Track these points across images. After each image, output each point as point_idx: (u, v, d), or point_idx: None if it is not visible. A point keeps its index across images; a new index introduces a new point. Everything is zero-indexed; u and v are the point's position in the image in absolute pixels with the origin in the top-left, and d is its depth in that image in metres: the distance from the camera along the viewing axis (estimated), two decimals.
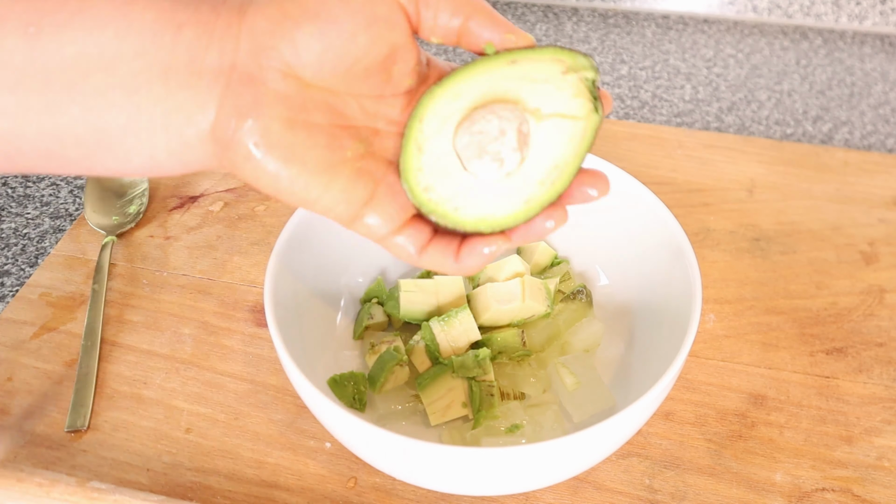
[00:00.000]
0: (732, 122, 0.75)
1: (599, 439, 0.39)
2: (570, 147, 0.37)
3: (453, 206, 0.37)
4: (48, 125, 0.33)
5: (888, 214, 0.63)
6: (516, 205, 0.37)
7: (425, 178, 0.37)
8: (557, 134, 0.38)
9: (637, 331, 0.50)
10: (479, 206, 0.37)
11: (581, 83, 0.37)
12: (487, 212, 0.37)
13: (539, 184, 0.37)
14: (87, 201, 0.61)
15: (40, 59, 0.33)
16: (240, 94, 0.34)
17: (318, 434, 0.48)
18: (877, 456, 0.48)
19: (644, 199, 0.50)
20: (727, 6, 0.88)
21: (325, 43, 0.33)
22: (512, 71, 0.37)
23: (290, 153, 0.34)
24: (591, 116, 0.38)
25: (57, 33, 0.32)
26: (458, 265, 0.37)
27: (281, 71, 0.34)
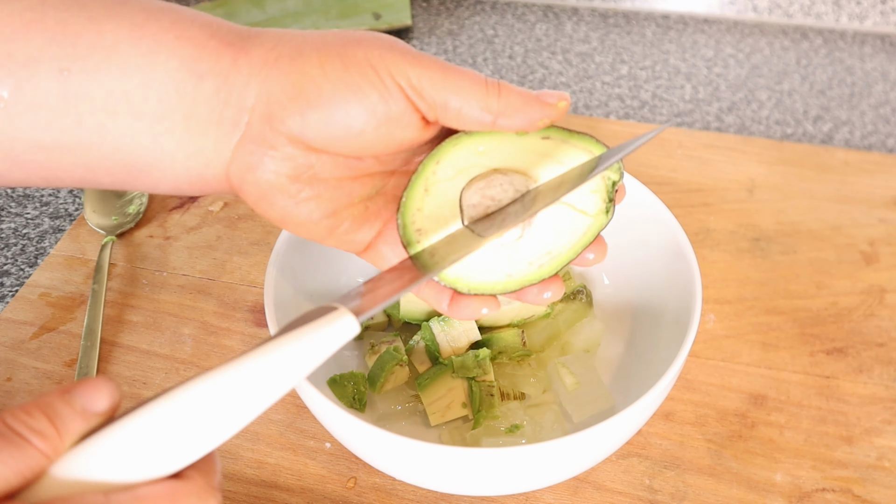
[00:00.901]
0: (732, 122, 0.75)
1: (599, 439, 0.39)
2: (569, 239, 0.37)
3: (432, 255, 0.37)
4: (81, 159, 0.36)
5: (888, 214, 0.63)
6: (498, 276, 0.37)
7: (421, 220, 0.37)
8: (561, 223, 0.37)
9: (637, 331, 0.50)
10: (463, 266, 0.37)
11: (602, 181, 0.37)
12: (468, 273, 0.37)
13: (527, 263, 0.37)
14: (87, 201, 0.61)
15: (72, 101, 0.35)
16: (251, 151, 0.36)
17: (318, 434, 0.48)
18: (877, 456, 0.47)
19: (644, 199, 0.50)
20: (727, 6, 0.88)
21: (332, 131, 0.35)
22: (541, 146, 0.36)
23: (294, 202, 0.37)
24: (600, 217, 0.38)
25: (88, 77, 0.34)
26: (449, 310, 0.38)
27: (288, 138, 0.35)
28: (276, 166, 0.36)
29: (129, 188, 0.38)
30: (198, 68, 0.35)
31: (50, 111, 0.34)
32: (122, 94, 0.35)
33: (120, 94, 0.35)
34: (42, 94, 0.34)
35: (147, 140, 0.36)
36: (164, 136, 0.36)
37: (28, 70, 0.34)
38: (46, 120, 0.35)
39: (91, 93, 0.34)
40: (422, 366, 0.47)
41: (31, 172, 0.37)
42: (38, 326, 0.53)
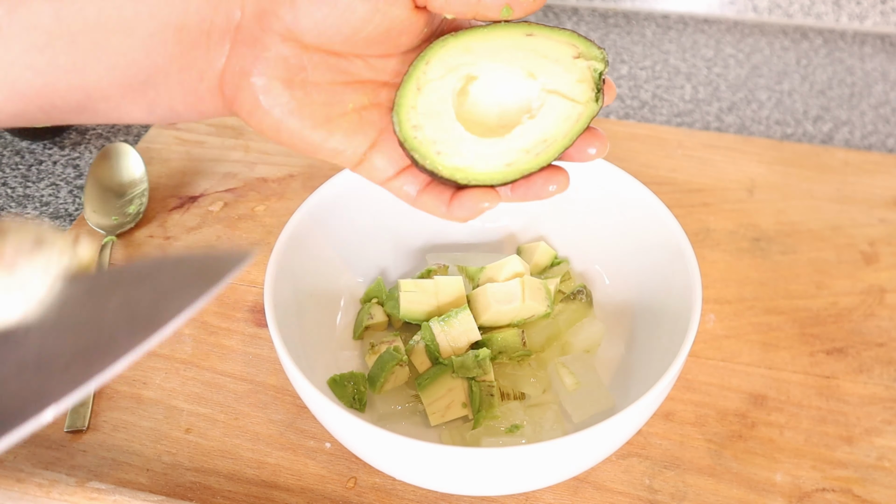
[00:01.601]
0: (732, 122, 0.75)
1: (600, 439, 0.39)
2: (563, 126, 0.39)
3: (436, 149, 0.38)
4: (77, 81, 0.36)
5: (888, 214, 0.63)
6: (497, 165, 0.38)
7: (417, 117, 0.38)
8: (554, 111, 0.39)
9: (637, 331, 0.50)
10: (462, 157, 0.38)
11: (588, 71, 0.38)
12: (468, 164, 0.38)
13: (524, 152, 0.39)
14: (87, 201, 0.61)
15: (66, 20, 0.35)
16: (243, 55, 0.36)
17: (318, 434, 0.48)
18: (877, 456, 0.47)
19: (644, 199, 0.50)
20: (727, 6, 0.88)
21: (323, 12, 0.35)
22: (526, 42, 0.38)
23: (288, 109, 0.37)
24: (590, 104, 0.39)
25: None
26: (449, 211, 0.39)
27: (281, 34, 0.36)
28: (268, 69, 0.36)
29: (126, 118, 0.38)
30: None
31: (44, 32, 0.35)
32: (113, 10, 0.35)
33: (111, 10, 0.35)
34: (35, 14, 0.34)
35: (140, 56, 0.36)
36: (157, 51, 0.36)
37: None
38: (41, 41, 0.35)
39: (83, 10, 0.35)
40: (422, 366, 0.47)
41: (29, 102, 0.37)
42: None
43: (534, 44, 0.38)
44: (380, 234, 0.54)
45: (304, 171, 0.65)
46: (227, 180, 0.65)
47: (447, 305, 0.48)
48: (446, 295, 0.48)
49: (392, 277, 0.55)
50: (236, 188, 0.64)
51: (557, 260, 0.54)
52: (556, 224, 0.55)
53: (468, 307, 0.47)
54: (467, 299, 0.49)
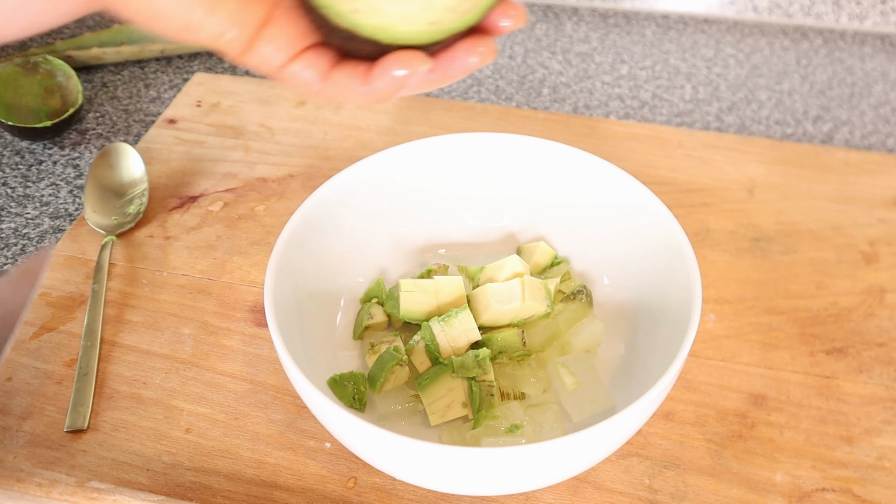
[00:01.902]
0: (732, 122, 0.75)
1: (600, 439, 0.39)
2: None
3: (353, 7, 0.33)
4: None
5: (889, 214, 0.63)
6: (422, 23, 0.33)
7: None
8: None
9: (637, 331, 0.50)
10: (383, 15, 0.33)
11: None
12: (391, 21, 0.33)
13: (448, 10, 0.33)
14: (87, 201, 0.61)
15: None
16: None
17: (318, 434, 0.48)
18: (877, 456, 0.47)
19: (644, 199, 0.50)
20: (727, 6, 0.88)
21: None
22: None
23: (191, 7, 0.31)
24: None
25: None
26: (367, 87, 0.33)
27: None
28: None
29: None
30: None
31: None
32: None
33: None
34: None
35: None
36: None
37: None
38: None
39: None
40: (422, 366, 0.47)
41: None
42: (38, 326, 0.53)
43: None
44: (380, 234, 0.54)
45: (304, 171, 0.65)
46: (227, 180, 0.65)
47: (447, 305, 0.48)
48: (446, 295, 0.48)
49: (392, 277, 0.55)
50: (236, 188, 0.64)
51: (557, 260, 0.54)
52: (556, 224, 0.56)
53: (468, 307, 0.47)
54: (467, 299, 0.49)
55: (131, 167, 0.63)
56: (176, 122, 0.71)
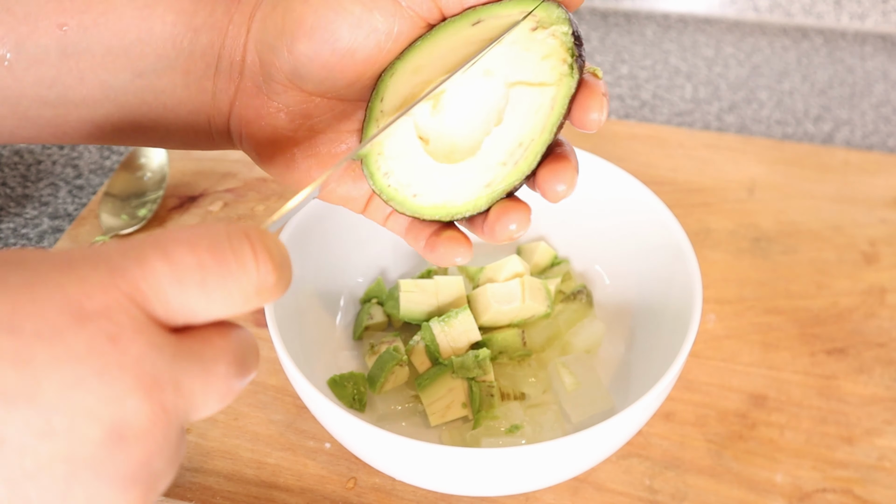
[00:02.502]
0: (733, 122, 0.75)
1: (600, 440, 0.39)
2: (537, 120, 0.33)
3: (412, 192, 0.34)
4: (87, 116, 0.36)
5: (889, 214, 0.63)
6: (477, 189, 0.34)
7: (386, 163, 0.34)
8: (521, 106, 0.33)
9: (637, 331, 0.50)
10: (439, 193, 0.34)
11: (553, 39, 0.32)
12: (446, 199, 0.34)
13: (501, 165, 0.33)
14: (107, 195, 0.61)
15: (73, 56, 0.35)
16: (247, 104, 0.36)
17: (318, 434, 0.47)
18: (878, 456, 0.47)
19: (644, 199, 0.50)
20: (728, 6, 0.88)
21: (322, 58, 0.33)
22: (475, 34, 0.33)
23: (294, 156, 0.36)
24: (564, 81, 0.32)
25: (86, 33, 0.35)
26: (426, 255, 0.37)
27: (282, 83, 0.35)
28: (272, 119, 0.36)
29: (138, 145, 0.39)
30: (193, 22, 0.35)
31: (52, 67, 0.35)
32: (121, 51, 0.35)
33: (119, 51, 0.35)
34: (43, 50, 0.34)
35: (150, 97, 0.36)
36: (166, 94, 0.36)
37: (27, 26, 0.34)
38: (50, 77, 0.35)
39: (91, 49, 0.35)
40: (422, 366, 0.47)
41: (41, 129, 0.37)
42: None
43: (483, 32, 0.32)
44: (380, 234, 0.54)
45: None
46: (227, 180, 0.65)
47: (447, 305, 0.48)
48: (446, 295, 0.48)
49: (392, 277, 0.55)
50: (236, 188, 0.64)
51: (557, 260, 0.54)
52: (556, 224, 0.55)
53: (468, 307, 0.47)
54: (467, 299, 0.49)
55: (161, 170, 0.63)
56: None
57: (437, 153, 0.35)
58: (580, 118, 0.33)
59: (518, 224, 0.34)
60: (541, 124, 0.33)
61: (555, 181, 0.33)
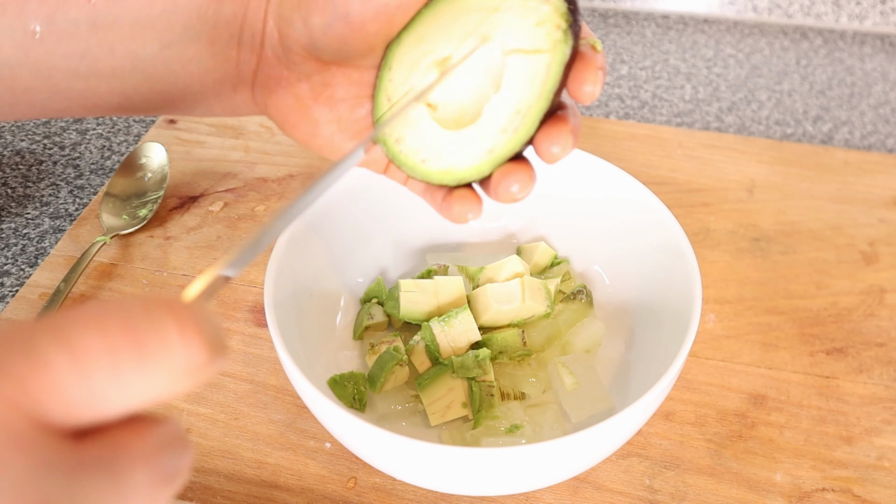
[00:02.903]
0: (732, 122, 0.75)
1: (600, 439, 0.39)
2: (534, 87, 0.33)
3: (421, 158, 0.36)
4: (117, 87, 0.38)
5: (888, 214, 0.63)
6: (480, 155, 0.35)
7: (396, 130, 0.36)
8: (518, 73, 0.33)
9: (637, 331, 0.50)
10: (445, 158, 0.36)
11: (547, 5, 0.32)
12: (452, 164, 0.36)
13: (501, 132, 0.34)
14: (108, 194, 0.61)
15: (102, 29, 0.36)
16: (268, 75, 0.38)
17: (318, 434, 0.48)
18: (877, 456, 0.47)
19: (644, 199, 0.50)
20: (727, 6, 0.88)
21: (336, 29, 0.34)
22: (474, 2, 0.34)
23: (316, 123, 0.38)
24: (558, 47, 0.32)
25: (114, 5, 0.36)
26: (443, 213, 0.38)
27: (300, 54, 0.36)
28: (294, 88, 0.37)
29: (165, 114, 0.40)
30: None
31: (82, 40, 0.36)
32: (147, 22, 0.36)
33: (146, 22, 0.36)
34: (72, 23, 0.35)
35: (177, 67, 0.37)
36: (193, 63, 0.37)
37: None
38: (80, 49, 0.36)
39: (119, 20, 0.36)
40: (422, 366, 0.47)
41: (71, 101, 0.38)
42: None
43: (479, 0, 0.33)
44: (380, 234, 0.54)
45: (304, 171, 0.65)
46: (227, 180, 0.65)
47: (447, 305, 0.48)
48: (446, 295, 0.48)
49: (392, 277, 0.55)
50: (236, 188, 0.64)
51: (557, 260, 0.54)
52: (556, 224, 0.55)
53: (468, 307, 0.47)
54: (467, 299, 0.49)
55: (163, 171, 0.63)
56: (176, 122, 0.71)
57: (445, 120, 0.36)
58: (574, 90, 0.33)
59: (520, 185, 0.34)
60: (537, 91, 0.33)
61: (549, 143, 0.33)
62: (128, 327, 0.19)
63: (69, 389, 0.19)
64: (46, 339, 0.19)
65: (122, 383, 0.19)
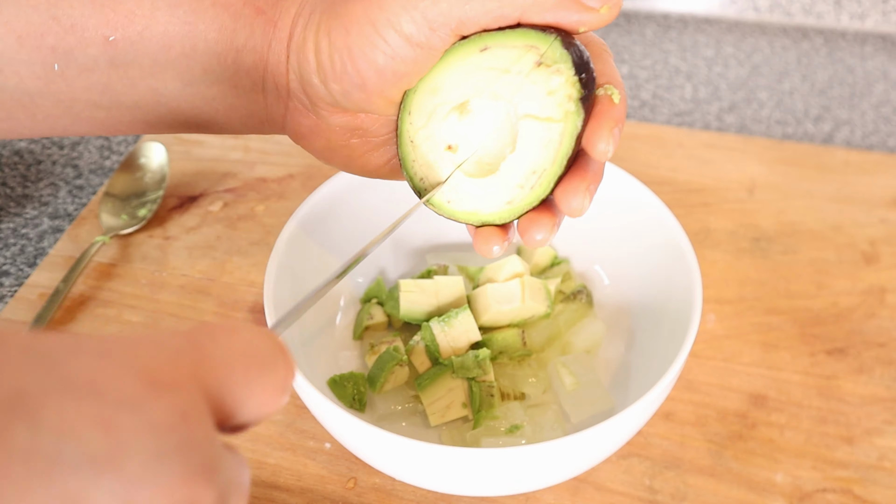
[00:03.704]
0: (733, 122, 0.75)
1: (600, 440, 0.39)
2: (547, 153, 0.34)
3: (446, 199, 0.37)
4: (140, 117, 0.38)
5: (889, 214, 0.63)
6: (500, 205, 0.36)
7: (420, 170, 0.37)
8: (532, 138, 0.34)
9: (637, 331, 0.50)
10: (468, 202, 0.37)
11: (559, 76, 0.32)
12: (476, 207, 0.37)
13: (519, 187, 0.35)
14: (107, 194, 0.61)
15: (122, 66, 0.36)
16: (299, 122, 0.38)
17: (318, 434, 0.47)
18: (878, 456, 0.47)
19: (644, 199, 0.50)
20: (728, 5, 0.88)
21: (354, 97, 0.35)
22: (484, 60, 0.34)
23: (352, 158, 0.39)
24: (570, 118, 0.33)
25: (132, 46, 0.36)
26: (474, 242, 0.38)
27: (327, 109, 0.37)
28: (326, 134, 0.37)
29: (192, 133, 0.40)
30: (235, 42, 0.36)
31: (102, 75, 0.36)
32: (167, 63, 0.36)
33: (165, 63, 0.36)
34: (92, 60, 0.35)
35: (200, 103, 0.37)
36: (217, 101, 0.37)
37: (74, 36, 0.35)
38: (101, 83, 0.36)
39: (138, 60, 0.36)
40: (422, 366, 0.47)
41: (94, 127, 0.38)
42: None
43: (491, 60, 0.33)
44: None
45: (303, 171, 0.65)
46: (227, 180, 0.65)
47: (447, 305, 0.48)
48: (446, 295, 0.48)
49: (392, 277, 0.55)
50: (236, 188, 0.64)
51: (557, 260, 0.54)
52: None
53: (468, 307, 0.47)
54: (467, 299, 0.49)
55: (162, 171, 0.63)
56: None
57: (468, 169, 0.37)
58: (588, 148, 0.33)
59: (544, 234, 0.36)
60: (551, 157, 0.34)
61: (568, 200, 0.34)
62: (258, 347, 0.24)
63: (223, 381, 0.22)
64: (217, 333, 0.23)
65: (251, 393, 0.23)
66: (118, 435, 0.19)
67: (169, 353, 0.21)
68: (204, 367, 0.22)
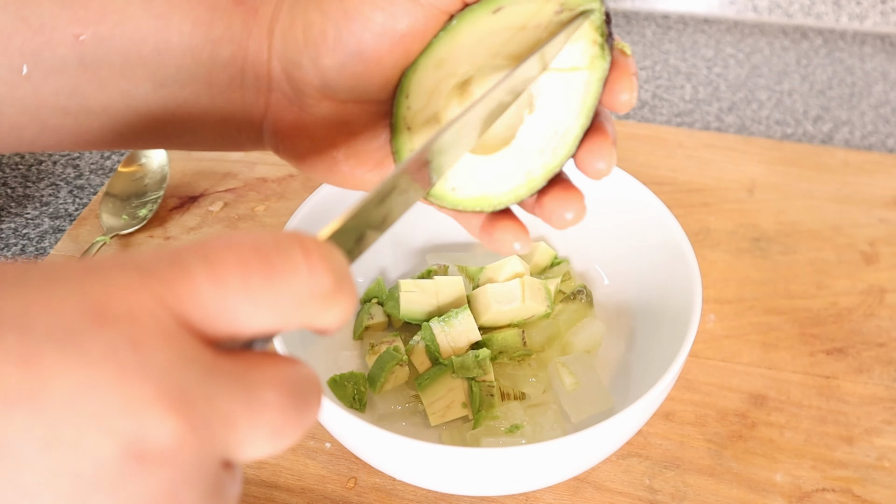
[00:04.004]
0: (733, 122, 0.75)
1: (600, 440, 0.39)
2: (572, 107, 0.31)
3: (450, 186, 0.34)
4: (109, 125, 0.36)
5: (888, 214, 0.63)
6: (516, 179, 0.33)
7: None
8: (554, 92, 0.32)
9: (637, 331, 0.50)
10: (478, 185, 0.33)
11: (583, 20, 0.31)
12: (486, 190, 0.33)
13: (539, 153, 0.32)
14: (107, 195, 0.61)
15: (92, 67, 0.34)
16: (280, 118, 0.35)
17: (318, 434, 0.47)
18: (877, 456, 0.47)
19: (644, 199, 0.50)
20: (727, 6, 0.88)
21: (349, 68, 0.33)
22: (498, 21, 0.31)
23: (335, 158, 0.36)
24: (596, 63, 0.31)
25: (103, 43, 0.34)
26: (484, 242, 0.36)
27: (315, 97, 0.34)
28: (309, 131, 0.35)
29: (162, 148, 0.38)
30: (211, 34, 0.34)
31: (71, 77, 0.34)
32: (139, 61, 0.34)
33: (137, 61, 0.34)
34: (60, 60, 0.34)
35: (173, 107, 0.35)
36: (190, 104, 0.35)
37: (43, 36, 0.33)
38: (69, 86, 0.34)
39: (109, 58, 0.34)
40: (422, 366, 0.47)
41: (63, 138, 0.36)
42: None
43: (506, 19, 0.31)
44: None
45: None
46: (227, 180, 0.65)
47: (447, 305, 0.48)
48: (446, 295, 0.48)
49: (392, 277, 0.55)
50: (236, 188, 0.64)
51: (557, 260, 0.54)
52: None
53: (468, 307, 0.47)
54: (467, 299, 0.49)
55: (162, 171, 0.63)
56: None
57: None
58: (610, 100, 0.32)
59: (575, 213, 0.33)
60: (576, 110, 0.31)
61: (593, 160, 0.32)
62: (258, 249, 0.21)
63: (207, 297, 0.20)
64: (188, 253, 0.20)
65: (253, 299, 0.20)
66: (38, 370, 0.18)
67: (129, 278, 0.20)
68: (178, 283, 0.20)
